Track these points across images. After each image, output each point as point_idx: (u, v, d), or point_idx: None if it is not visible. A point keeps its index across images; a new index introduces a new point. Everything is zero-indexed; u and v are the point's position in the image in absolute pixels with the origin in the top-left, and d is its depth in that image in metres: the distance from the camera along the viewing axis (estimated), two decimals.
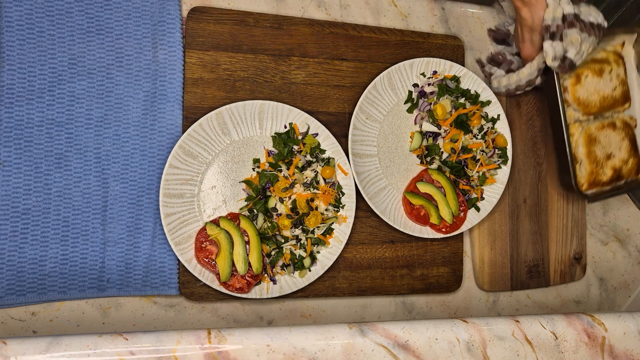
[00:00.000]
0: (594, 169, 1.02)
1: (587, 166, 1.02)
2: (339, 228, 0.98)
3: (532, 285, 1.13)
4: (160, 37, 0.93)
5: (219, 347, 0.68)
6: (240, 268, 0.90)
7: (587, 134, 1.02)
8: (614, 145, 1.03)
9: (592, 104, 1.01)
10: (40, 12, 0.88)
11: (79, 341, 0.65)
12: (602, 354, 0.82)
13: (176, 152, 0.90)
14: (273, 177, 0.94)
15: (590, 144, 1.02)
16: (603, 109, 1.03)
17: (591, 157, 1.02)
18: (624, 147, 1.04)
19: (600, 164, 1.02)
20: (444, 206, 1.01)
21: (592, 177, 1.02)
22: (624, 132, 1.05)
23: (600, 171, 1.02)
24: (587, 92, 1.01)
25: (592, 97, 1.01)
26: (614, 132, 1.04)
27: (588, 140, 1.02)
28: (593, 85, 1.01)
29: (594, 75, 1.01)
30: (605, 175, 1.03)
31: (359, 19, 1.05)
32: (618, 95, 1.03)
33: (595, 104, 1.01)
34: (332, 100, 1.01)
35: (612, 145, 1.03)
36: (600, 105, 1.02)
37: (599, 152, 1.02)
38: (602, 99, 1.02)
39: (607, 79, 1.02)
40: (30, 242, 0.86)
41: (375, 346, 0.73)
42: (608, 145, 1.03)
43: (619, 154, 1.04)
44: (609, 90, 1.02)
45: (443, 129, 1.04)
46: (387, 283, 1.02)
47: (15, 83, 0.87)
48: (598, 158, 1.02)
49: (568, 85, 1.01)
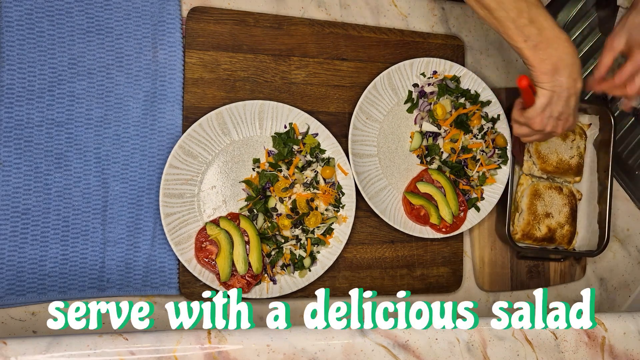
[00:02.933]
0: (531, 220, 1.07)
1: (526, 217, 1.07)
2: (339, 228, 0.98)
3: (532, 285, 1.13)
4: (160, 37, 0.93)
5: (219, 347, 0.68)
6: (240, 268, 0.90)
7: (534, 187, 1.08)
8: (555, 207, 1.09)
9: (549, 162, 1.08)
10: (40, 12, 0.88)
11: (79, 341, 0.65)
12: (602, 354, 0.82)
13: (176, 152, 0.90)
14: (273, 177, 0.94)
15: (534, 198, 1.08)
16: (557, 172, 1.09)
17: (532, 209, 1.08)
18: (564, 212, 1.10)
19: (538, 219, 1.08)
20: (444, 206, 1.01)
21: (528, 229, 1.07)
22: (567, 199, 1.10)
23: (536, 225, 1.07)
24: (549, 150, 1.08)
25: (552, 157, 1.08)
26: (558, 196, 1.10)
27: (533, 193, 1.08)
28: (555, 146, 1.08)
29: (559, 137, 1.08)
30: (540, 231, 1.08)
31: (359, 19, 1.05)
32: (574, 165, 1.10)
33: (552, 163, 1.08)
34: (332, 100, 1.01)
35: (554, 206, 1.09)
36: (556, 167, 1.08)
37: (540, 207, 1.08)
38: (559, 161, 1.08)
39: (569, 145, 1.09)
40: (30, 242, 0.86)
41: (375, 346, 0.73)
42: (550, 204, 1.09)
43: (558, 217, 1.09)
44: (567, 156, 1.09)
45: (443, 129, 1.04)
46: (387, 283, 1.02)
47: (15, 83, 0.87)
48: (538, 212, 1.08)
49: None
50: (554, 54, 0.78)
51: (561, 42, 0.78)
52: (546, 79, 0.81)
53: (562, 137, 1.07)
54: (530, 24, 0.77)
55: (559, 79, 0.80)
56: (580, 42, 1.22)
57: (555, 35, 0.78)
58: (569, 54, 0.79)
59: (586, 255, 1.11)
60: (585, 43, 1.23)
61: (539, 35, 0.77)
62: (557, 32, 0.78)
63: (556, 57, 0.78)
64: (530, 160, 1.07)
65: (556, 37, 0.78)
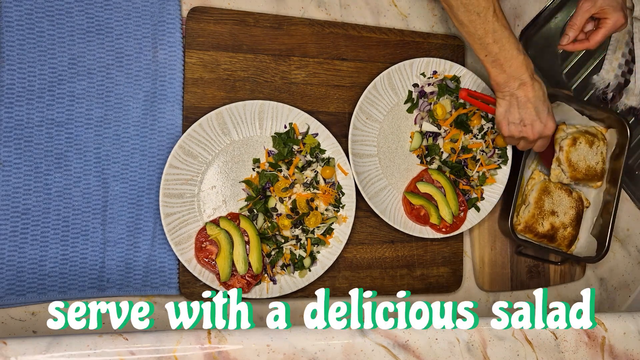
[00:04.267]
0: (536, 214, 1.08)
1: (532, 210, 1.08)
2: (339, 228, 0.98)
3: (532, 285, 1.13)
4: (160, 37, 0.93)
5: (219, 347, 0.68)
6: (240, 268, 0.90)
7: (545, 184, 1.09)
8: (562, 207, 1.10)
9: (579, 170, 1.08)
10: (40, 12, 0.88)
11: (79, 341, 0.65)
12: (602, 354, 0.82)
13: (176, 152, 0.90)
14: (273, 177, 0.94)
15: (544, 193, 1.09)
16: (586, 179, 1.09)
17: (539, 204, 1.08)
18: (570, 214, 1.10)
19: (543, 214, 1.08)
20: (444, 206, 1.01)
21: (532, 222, 1.08)
22: (575, 203, 1.11)
23: (540, 220, 1.08)
24: (578, 157, 1.08)
25: (581, 164, 1.08)
26: (567, 197, 1.11)
27: (543, 189, 1.09)
28: (583, 153, 1.08)
29: (587, 144, 1.08)
30: (543, 227, 1.08)
31: (359, 19, 1.05)
32: (599, 171, 1.10)
33: (581, 170, 1.08)
34: (332, 100, 1.01)
35: (561, 206, 1.10)
36: (585, 174, 1.09)
37: (547, 204, 1.09)
38: (588, 168, 1.09)
39: (595, 151, 1.09)
40: (30, 242, 0.86)
41: (375, 346, 0.73)
42: (558, 204, 1.10)
43: (563, 217, 1.10)
44: (594, 162, 1.09)
45: (443, 129, 1.04)
46: (387, 283, 1.02)
47: (15, 83, 0.87)
48: (544, 208, 1.08)
49: (564, 146, 1.06)
50: (507, 70, 0.89)
51: (515, 62, 0.89)
52: (499, 88, 0.92)
53: (589, 143, 1.08)
54: (493, 43, 0.88)
55: (510, 89, 0.91)
56: None
57: (512, 56, 0.88)
58: (522, 71, 0.89)
59: (585, 261, 1.11)
60: None
61: (498, 53, 0.88)
62: (514, 54, 0.88)
63: (509, 73, 0.90)
64: (559, 169, 1.08)
65: (513, 58, 0.89)
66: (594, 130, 1.11)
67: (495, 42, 0.88)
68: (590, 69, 1.22)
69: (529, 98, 0.91)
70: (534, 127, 0.94)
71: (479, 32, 0.88)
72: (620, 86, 1.21)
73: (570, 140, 1.07)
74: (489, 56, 0.90)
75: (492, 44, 0.88)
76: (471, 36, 0.90)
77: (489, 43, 0.88)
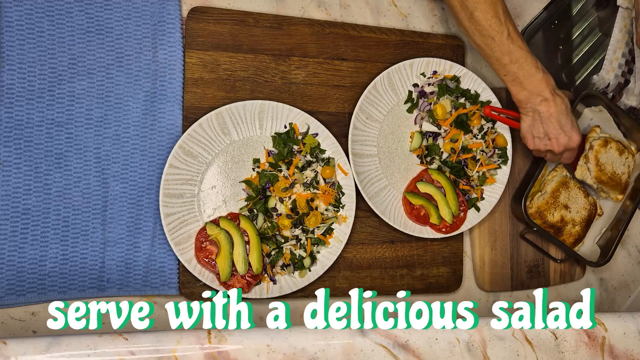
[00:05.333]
0: (550, 202, 1.09)
1: (547, 197, 1.09)
2: (339, 228, 0.97)
3: (532, 285, 1.13)
4: (160, 37, 0.93)
5: (219, 347, 0.68)
6: (240, 268, 0.90)
7: (565, 179, 1.11)
8: (576, 205, 1.11)
9: (605, 172, 1.10)
10: (40, 12, 0.88)
11: (79, 341, 0.65)
12: (602, 354, 0.82)
13: (176, 152, 0.90)
14: (273, 177, 0.94)
15: (562, 186, 1.10)
16: (609, 183, 1.11)
17: (554, 194, 1.10)
18: (581, 215, 1.12)
19: (556, 204, 1.09)
20: (444, 206, 1.01)
21: (544, 208, 1.09)
22: (589, 206, 1.13)
23: (552, 209, 1.09)
24: (606, 160, 1.10)
25: (608, 167, 1.10)
26: (583, 198, 1.12)
27: (562, 182, 1.10)
28: (612, 158, 1.11)
29: (617, 151, 1.11)
30: (553, 217, 1.10)
31: (359, 19, 1.05)
32: (623, 181, 1.12)
33: (607, 173, 1.10)
34: (332, 100, 1.01)
35: (576, 204, 1.11)
36: (610, 178, 1.11)
37: (563, 197, 1.10)
38: (613, 173, 1.11)
39: (623, 161, 1.12)
40: (30, 242, 0.86)
41: (375, 346, 0.73)
42: (573, 200, 1.11)
43: (574, 214, 1.11)
44: (620, 171, 1.12)
45: (443, 129, 1.04)
46: (387, 283, 1.02)
47: (15, 83, 0.87)
48: (559, 200, 1.10)
49: (595, 145, 1.09)
50: (527, 87, 0.93)
51: (534, 80, 0.92)
52: (522, 105, 0.96)
53: (620, 151, 1.11)
54: (511, 63, 0.92)
55: (533, 105, 0.95)
56: (580, 42, 1.22)
57: (531, 74, 0.92)
58: (542, 88, 0.93)
59: (585, 263, 1.11)
60: (586, 43, 1.23)
61: (517, 72, 0.92)
62: (532, 72, 0.92)
63: (529, 90, 0.93)
64: (586, 166, 1.09)
65: (531, 76, 0.92)
66: (626, 142, 1.14)
67: (513, 62, 0.92)
68: (590, 69, 1.22)
69: (552, 113, 0.94)
70: (559, 140, 0.97)
71: (496, 54, 0.92)
72: (620, 86, 1.21)
73: (602, 142, 1.09)
74: (508, 76, 0.93)
75: (510, 64, 0.92)
76: (489, 58, 0.94)
77: (507, 63, 0.92)
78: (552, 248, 1.14)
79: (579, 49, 1.22)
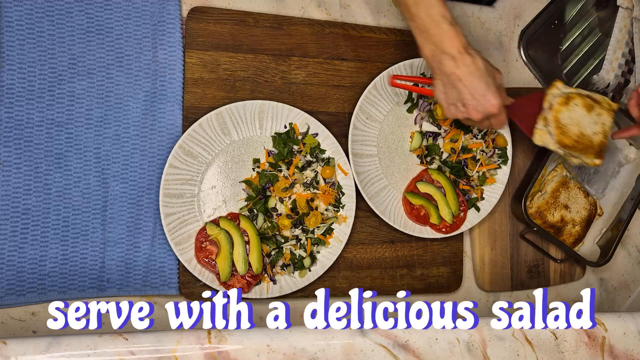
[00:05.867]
0: (550, 202, 1.09)
1: (547, 197, 1.09)
2: (339, 228, 0.97)
3: (532, 285, 1.13)
4: (160, 37, 0.93)
5: (219, 347, 0.68)
6: (240, 268, 0.90)
7: (565, 179, 1.10)
8: (576, 205, 1.11)
9: (568, 134, 0.92)
10: (40, 12, 0.88)
11: (79, 341, 0.65)
12: (602, 354, 0.82)
13: (176, 152, 0.90)
14: (273, 177, 0.94)
15: (562, 186, 1.10)
16: (576, 147, 0.93)
17: (554, 194, 1.09)
18: (581, 215, 1.12)
19: (556, 204, 1.09)
20: (444, 206, 1.01)
21: (544, 208, 1.09)
22: (589, 206, 1.12)
23: (552, 209, 1.09)
24: (570, 120, 0.92)
25: (572, 128, 0.92)
26: (583, 198, 1.12)
27: (562, 182, 1.10)
28: (577, 117, 0.93)
29: (584, 107, 0.93)
30: (553, 217, 1.09)
31: (359, 19, 1.05)
32: (596, 143, 0.94)
33: (571, 135, 0.92)
34: (332, 100, 1.01)
35: (576, 204, 1.11)
36: (576, 141, 0.93)
37: (563, 197, 1.10)
38: (580, 135, 0.93)
39: (593, 119, 0.93)
40: (30, 242, 0.86)
41: (375, 346, 0.73)
42: (573, 201, 1.11)
43: (574, 214, 1.11)
44: (590, 131, 0.93)
45: (443, 129, 1.04)
46: (387, 283, 1.02)
47: (15, 83, 0.87)
48: (559, 200, 1.09)
49: (555, 104, 0.92)
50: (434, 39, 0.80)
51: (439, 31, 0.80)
52: (430, 63, 0.84)
53: (587, 108, 0.93)
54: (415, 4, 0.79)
55: (439, 65, 0.82)
56: (580, 42, 1.22)
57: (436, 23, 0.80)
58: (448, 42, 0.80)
59: (585, 263, 1.11)
60: (586, 43, 1.23)
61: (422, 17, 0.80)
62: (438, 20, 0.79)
63: (435, 43, 0.80)
64: (545, 130, 0.93)
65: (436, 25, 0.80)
66: (599, 97, 0.96)
67: (418, 3, 0.80)
68: (590, 69, 1.23)
69: (460, 75, 0.82)
70: (476, 107, 0.84)
71: None
72: (620, 86, 1.21)
73: (564, 99, 0.92)
74: (413, 21, 0.82)
75: (414, 5, 0.80)
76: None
77: (411, 4, 0.80)
78: (552, 248, 1.14)
79: (579, 49, 1.22)
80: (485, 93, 0.83)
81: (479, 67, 0.82)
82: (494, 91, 0.84)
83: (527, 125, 0.95)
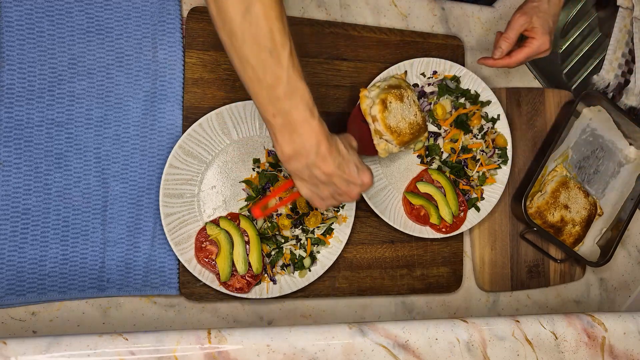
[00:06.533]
0: (550, 202, 1.09)
1: (547, 198, 1.10)
2: (339, 228, 0.98)
3: (532, 285, 1.13)
4: (160, 37, 0.93)
5: (219, 347, 0.68)
6: (240, 268, 0.90)
7: (565, 179, 1.11)
8: (576, 205, 1.11)
9: (403, 132, 0.93)
10: (40, 12, 0.88)
11: (79, 341, 0.65)
12: (602, 354, 0.82)
13: (176, 152, 0.90)
14: (273, 177, 0.94)
15: (562, 186, 1.11)
16: (413, 138, 0.95)
17: (554, 194, 1.10)
18: (581, 215, 1.12)
19: (556, 205, 1.10)
20: (444, 206, 1.01)
21: (544, 208, 1.09)
22: (589, 206, 1.13)
23: (552, 209, 1.09)
24: (396, 119, 0.93)
25: (402, 125, 0.93)
26: (583, 198, 1.12)
27: (562, 182, 1.11)
28: (399, 112, 0.93)
29: (397, 100, 0.93)
30: (553, 217, 1.10)
31: (359, 19, 1.05)
32: (420, 122, 0.96)
33: (405, 131, 0.93)
34: (332, 100, 1.01)
35: (575, 204, 1.11)
36: (411, 132, 0.94)
37: (563, 197, 1.10)
38: (410, 125, 0.94)
39: (408, 104, 0.94)
40: (30, 242, 0.86)
41: (375, 346, 0.73)
42: (573, 201, 1.11)
43: (574, 214, 1.11)
44: (412, 116, 0.95)
45: (443, 129, 1.04)
46: (387, 283, 1.02)
47: (15, 83, 0.87)
48: (559, 200, 1.10)
49: (377, 114, 0.91)
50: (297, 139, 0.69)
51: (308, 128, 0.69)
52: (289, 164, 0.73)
53: (399, 99, 0.93)
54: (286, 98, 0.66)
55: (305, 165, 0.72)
56: (580, 42, 1.22)
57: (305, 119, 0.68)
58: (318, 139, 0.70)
59: (585, 263, 1.11)
60: (586, 43, 1.23)
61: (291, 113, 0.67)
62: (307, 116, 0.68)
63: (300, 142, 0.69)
64: (383, 141, 0.93)
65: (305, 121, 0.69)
66: (395, 81, 0.96)
67: (287, 96, 0.66)
68: (590, 69, 1.23)
69: (330, 173, 0.73)
70: (353, 192, 0.77)
71: (269, 79, 0.65)
72: (620, 86, 1.21)
73: (381, 106, 0.91)
74: (278, 117, 0.68)
75: (284, 99, 0.66)
76: (256, 84, 0.66)
77: (280, 97, 0.66)
78: (552, 248, 1.14)
79: (578, 49, 1.22)
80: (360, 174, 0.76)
81: (342, 151, 0.74)
82: (365, 167, 0.78)
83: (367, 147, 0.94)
